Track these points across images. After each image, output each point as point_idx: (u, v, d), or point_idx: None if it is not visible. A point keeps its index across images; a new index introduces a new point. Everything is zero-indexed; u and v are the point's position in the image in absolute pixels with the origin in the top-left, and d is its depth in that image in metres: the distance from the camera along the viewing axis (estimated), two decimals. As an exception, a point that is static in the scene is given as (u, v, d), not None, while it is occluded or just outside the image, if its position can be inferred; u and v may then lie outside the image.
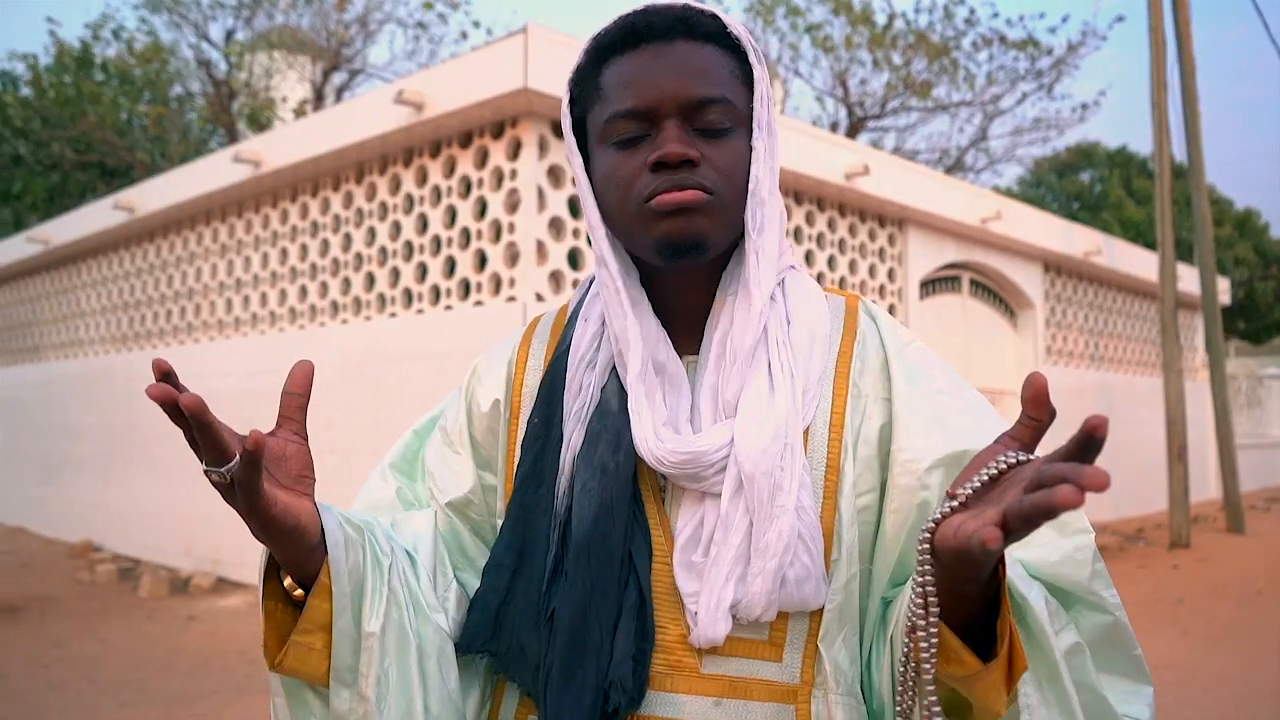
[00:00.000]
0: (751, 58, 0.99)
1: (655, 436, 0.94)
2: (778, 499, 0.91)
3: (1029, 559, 0.92)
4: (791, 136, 7.74)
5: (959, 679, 0.81)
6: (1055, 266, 11.83)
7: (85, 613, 7.05)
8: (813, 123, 16.43)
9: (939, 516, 0.76)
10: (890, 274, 9.19)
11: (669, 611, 0.94)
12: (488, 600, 0.99)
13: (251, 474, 0.80)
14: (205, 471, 0.82)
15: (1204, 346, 13.18)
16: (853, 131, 17.38)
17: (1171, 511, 10.32)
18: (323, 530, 0.90)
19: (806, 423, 0.96)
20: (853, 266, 8.74)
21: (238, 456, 0.80)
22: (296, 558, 0.89)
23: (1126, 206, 24.04)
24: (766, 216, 0.98)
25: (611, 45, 0.98)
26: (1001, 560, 0.79)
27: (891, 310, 9.16)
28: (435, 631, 0.97)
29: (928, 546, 0.76)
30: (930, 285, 9.95)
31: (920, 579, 0.77)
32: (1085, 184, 26.36)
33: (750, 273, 0.97)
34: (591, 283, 1.10)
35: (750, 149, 0.97)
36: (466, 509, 1.08)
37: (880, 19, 16.87)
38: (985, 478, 0.74)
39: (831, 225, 8.57)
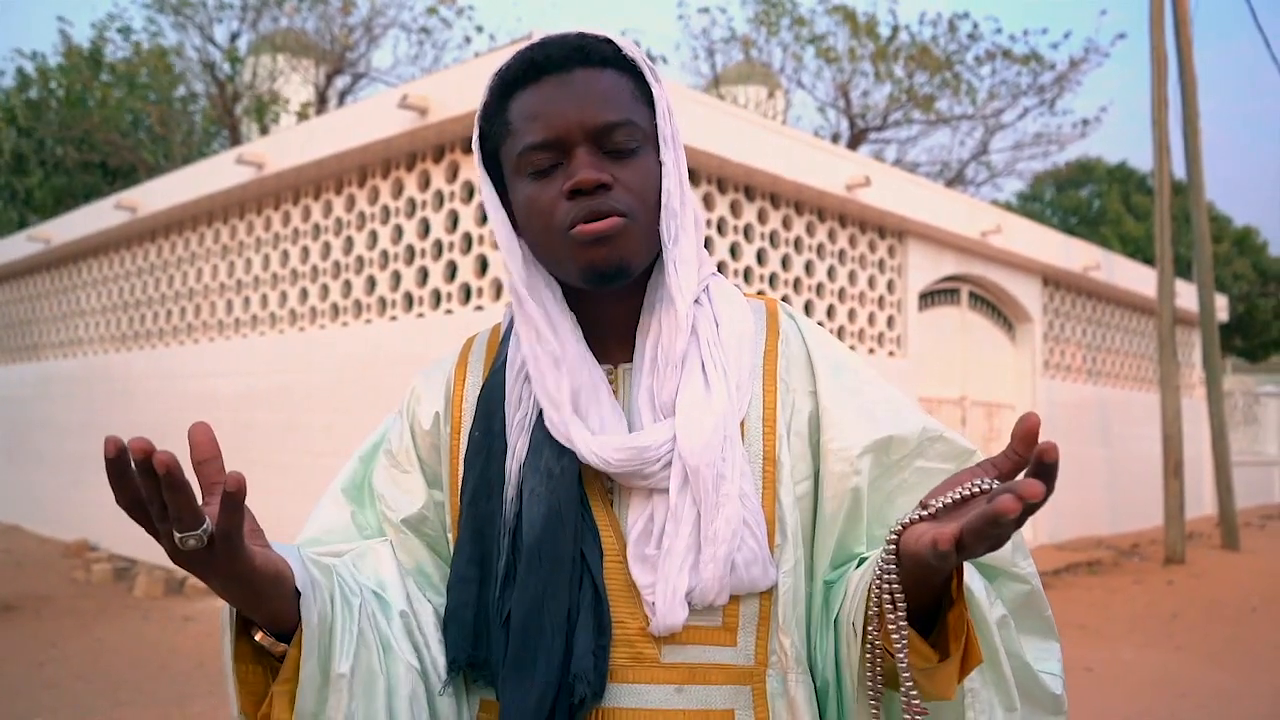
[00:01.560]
0: (648, 76, 1.04)
1: (594, 440, 0.98)
2: (722, 488, 0.96)
3: None
4: (793, 147, 7.77)
5: (919, 670, 0.87)
6: (1054, 281, 11.86)
7: (80, 612, 7.05)
8: (814, 133, 16.46)
9: (906, 521, 0.82)
10: (890, 285, 9.21)
11: (626, 606, 0.98)
12: (462, 614, 1.01)
13: (236, 520, 0.78)
14: (180, 539, 0.76)
15: (1201, 363, 13.21)
16: (854, 143, 17.41)
17: (1167, 527, 10.33)
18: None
19: (741, 415, 1.02)
20: (852, 277, 8.76)
21: (206, 519, 0.77)
22: (271, 610, 0.88)
23: (1125, 222, 24.11)
24: (680, 226, 1.03)
25: (514, 80, 1.02)
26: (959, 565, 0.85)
27: (890, 322, 9.19)
28: (407, 671, 0.98)
29: (894, 547, 0.82)
30: (929, 297, 9.97)
31: (884, 577, 0.83)
32: (1085, 199, 26.44)
33: (671, 280, 1.02)
34: None
35: (659, 165, 1.02)
36: (421, 525, 1.09)
37: (884, 31, 16.91)
38: (958, 495, 0.79)
39: (832, 236, 8.59)
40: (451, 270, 6.81)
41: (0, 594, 7.49)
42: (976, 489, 0.78)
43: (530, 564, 0.97)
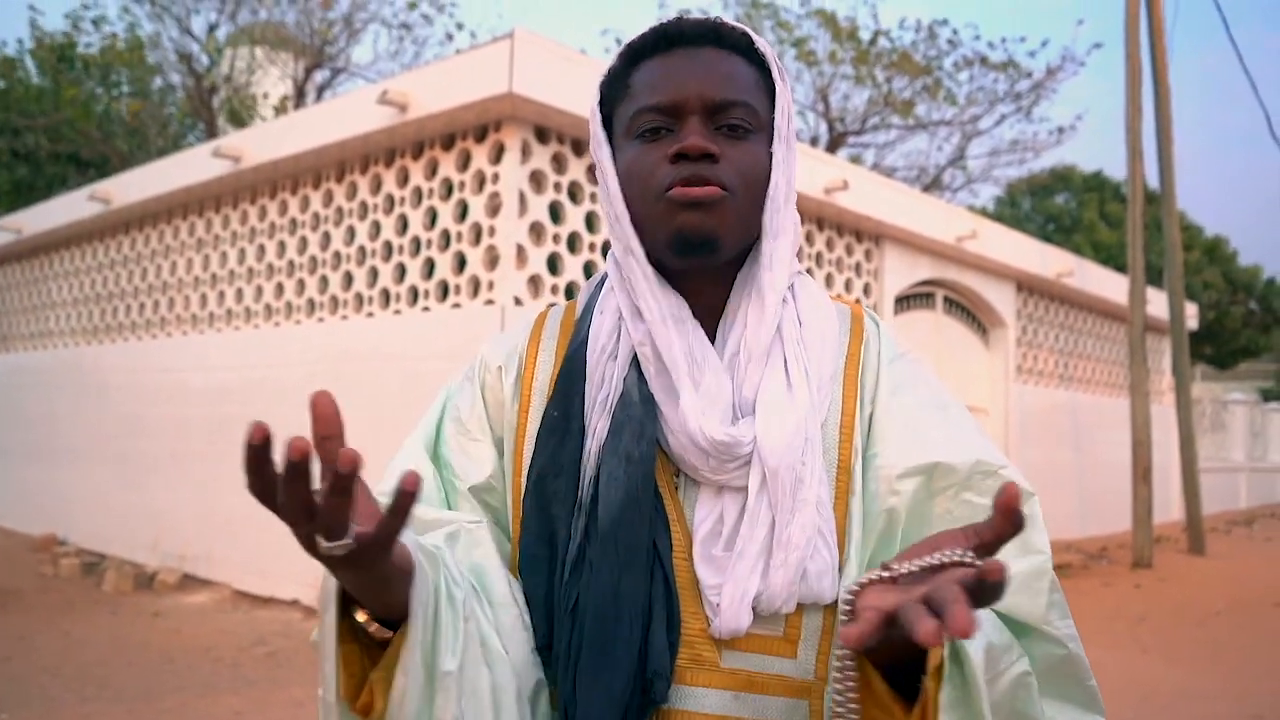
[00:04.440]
0: (775, 73, 1.04)
1: (702, 413, 0.95)
2: (800, 493, 0.94)
3: None
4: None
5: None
6: (1028, 286, 11.97)
7: (48, 606, 6.97)
8: (793, 137, 16.49)
9: (865, 581, 0.76)
10: (866, 289, 9.27)
11: (689, 605, 0.95)
12: (534, 596, 0.98)
13: (397, 527, 0.74)
14: (326, 549, 0.71)
15: (1171, 370, 13.36)
16: (833, 146, 17.50)
17: (1135, 532, 10.45)
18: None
19: (822, 418, 0.99)
20: (829, 280, 8.81)
21: (352, 528, 0.73)
22: (378, 594, 0.83)
23: (1099, 230, 24.35)
24: (783, 223, 1.03)
25: (644, 49, 1.04)
26: None
27: (866, 325, 9.23)
28: (506, 670, 0.92)
29: (849, 608, 0.77)
30: (905, 301, 10.03)
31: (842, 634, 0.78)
32: (1061, 206, 26.68)
33: (764, 275, 1.01)
34: (604, 280, 1.11)
35: (768, 156, 1.02)
36: (488, 495, 1.07)
37: (865, 36, 17.00)
38: (927, 564, 0.73)
39: (809, 239, 8.63)
40: (429, 267, 6.79)
41: (-34, 588, 7.40)
42: (947, 559, 0.72)
43: (605, 549, 0.94)
